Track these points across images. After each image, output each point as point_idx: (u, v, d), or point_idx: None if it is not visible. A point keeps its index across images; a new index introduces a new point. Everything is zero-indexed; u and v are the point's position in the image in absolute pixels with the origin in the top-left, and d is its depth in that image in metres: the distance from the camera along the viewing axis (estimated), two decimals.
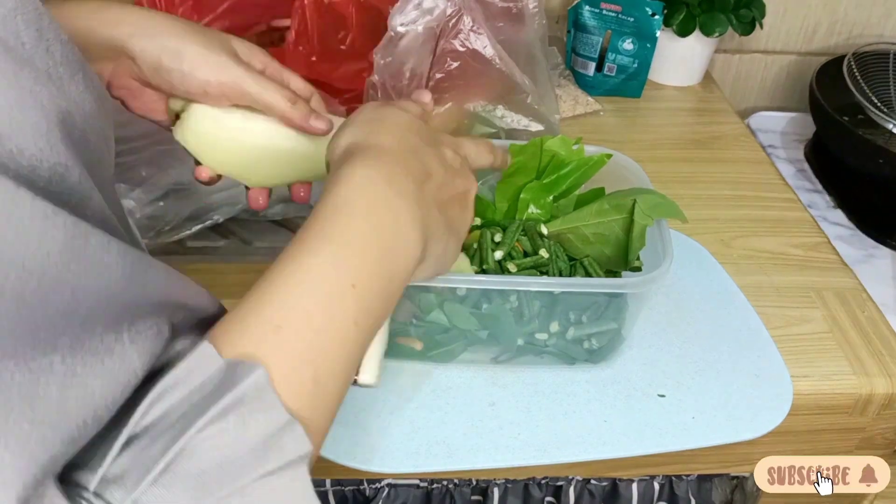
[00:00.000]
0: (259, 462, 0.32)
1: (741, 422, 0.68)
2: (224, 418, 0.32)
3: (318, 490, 0.76)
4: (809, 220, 0.92)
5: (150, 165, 0.80)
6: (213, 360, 0.34)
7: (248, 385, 0.33)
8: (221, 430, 0.32)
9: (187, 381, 0.33)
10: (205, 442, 0.31)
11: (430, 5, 0.77)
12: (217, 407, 0.32)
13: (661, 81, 1.16)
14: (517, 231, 0.70)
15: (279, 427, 0.33)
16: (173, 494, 0.30)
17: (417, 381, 0.69)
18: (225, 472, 0.31)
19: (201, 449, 0.31)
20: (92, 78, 0.37)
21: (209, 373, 0.33)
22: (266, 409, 0.33)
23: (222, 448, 0.32)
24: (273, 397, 0.33)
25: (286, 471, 0.33)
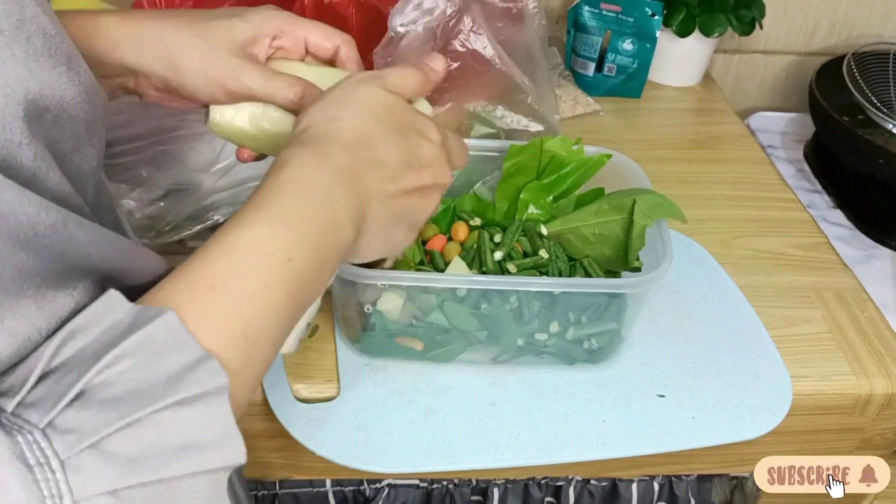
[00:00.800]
0: (173, 390, 0.33)
1: (741, 422, 0.68)
2: (136, 353, 0.33)
3: (318, 490, 0.76)
4: (809, 220, 0.92)
5: (150, 165, 0.80)
6: (121, 304, 0.35)
7: (157, 325, 0.34)
8: (133, 364, 0.33)
9: (96, 322, 0.34)
10: (117, 375, 0.33)
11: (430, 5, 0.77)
12: (127, 343, 0.33)
13: (660, 81, 1.16)
14: (517, 232, 0.70)
15: (194, 360, 0.34)
16: (87, 415, 0.31)
17: (417, 381, 0.69)
18: (138, 398, 0.32)
19: (114, 378, 0.32)
20: (79, 72, 0.38)
21: (119, 316, 0.35)
22: (178, 346, 0.34)
23: (136, 379, 0.33)
24: (186, 336, 0.35)
25: (204, 400, 0.34)
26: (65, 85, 0.37)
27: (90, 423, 0.31)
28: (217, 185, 0.80)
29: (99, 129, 0.41)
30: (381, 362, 0.70)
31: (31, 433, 0.30)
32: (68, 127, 0.38)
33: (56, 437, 0.30)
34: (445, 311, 0.66)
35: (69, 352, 0.33)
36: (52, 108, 0.36)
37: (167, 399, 0.33)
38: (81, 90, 0.38)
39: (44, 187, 0.35)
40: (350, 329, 0.70)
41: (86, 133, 0.40)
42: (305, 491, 0.76)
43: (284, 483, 0.76)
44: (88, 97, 0.39)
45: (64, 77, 0.37)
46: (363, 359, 0.70)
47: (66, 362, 0.33)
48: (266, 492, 0.77)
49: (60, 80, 0.37)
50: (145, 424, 0.32)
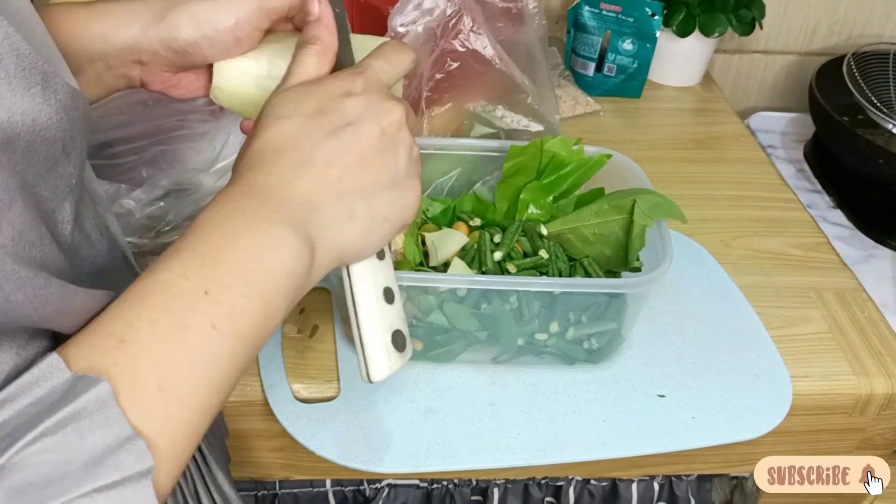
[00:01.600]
0: (92, 476, 0.31)
1: (741, 422, 0.68)
2: (59, 431, 0.31)
3: (318, 490, 0.76)
4: (809, 220, 0.92)
5: (150, 165, 0.80)
6: (59, 371, 0.33)
7: (88, 398, 0.32)
8: (54, 443, 0.31)
9: (29, 392, 0.32)
10: (35, 455, 0.30)
11: (430, 5, 0.77)
12: (53, 419, 0.31)
13: (660, 81, 1.16)
14: (516, 232, 0.70)
15: (119, 441, 0.32)
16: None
17: (417, 381, 0.69)
18: (54, 485, 0.30)
19: (30, 462, 0.30)
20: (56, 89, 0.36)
21: (54, 384, 0.33)
22: (106, 422, 0.32)
23: (53, 461, 0.31)
24: (115, 411, 0.32)
25: (125, 486, 0.32)
26: (39, 107, 0.35)
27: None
28: (217, 185, 0.80)
29: (78, 144, 0.39)
30: None
31: None
32: (42, 150, 0.36)
33: None
34: (445, 312, 0.66)
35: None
36: (24, 134, 0.34)
37: (84, 487, 0.31)
38: (58, 108, 0.36)
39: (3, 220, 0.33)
40: (350, 329, 0.70)
41: (62, 153, 0.38)
42: (305, 491, 0.76)
43: (284, 483, 0.76)
44: (66, 114, 0.37)
45: (39, 98, 0.35)
46: None
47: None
48: (266, 492, 0.77)
49: (35, 102, 0.35)
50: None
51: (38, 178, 0.37)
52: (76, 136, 0.39)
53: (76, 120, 0.39)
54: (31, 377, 0.33)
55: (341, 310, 0.69)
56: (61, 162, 0.38)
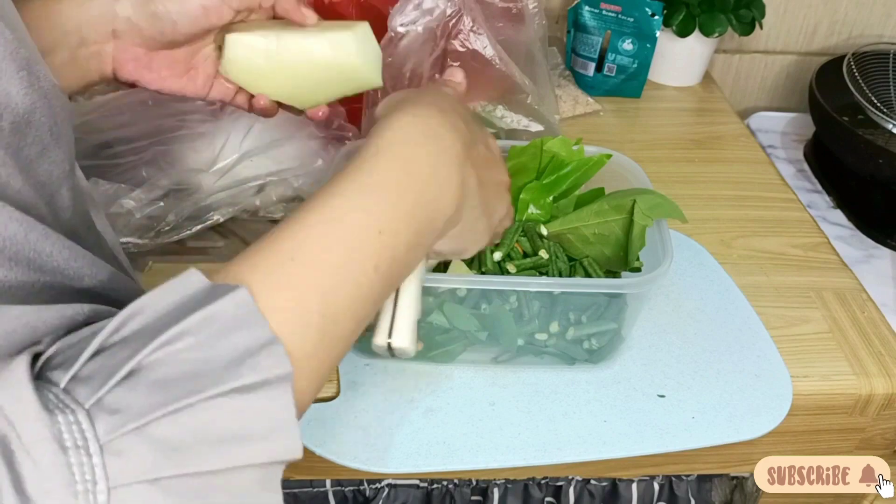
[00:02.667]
0: (231, 376, 0.31)
1: (741, 422, 0.68)
2: (197, 332, 0.32)
3: (318, 490, 0.76)
4: (809, 220, 0.92)
5: (150, 165, 0.80)
6: (197, 281, 0.33)
7: (226, 302, 0.32)
8: (195, 342, 0.31)
9: (166, 297, 0.33)
10: (174, 353, 0.31)
11: (430, 5, 0.77)
12: (191, 319, 0.32)
13: (660, 81, 1.16)
14: (516, 232, 0.70)
15: (259, 344, 0.32)
16: (136, 396, 0.30)
17: (417, 381, 0.69)
18: (193, 381, 0.31)
19: (169, 360, 0.31)
20: (39, 76, 0.37)
21: (190, 291, 0.33)
22: (245, 326, 0.33)
23: (192, 360, 0.31)
24: (255, 315, 0.33)
25: (263, 389, 0.32)
26: (25, 90, 0.36)
27: (138, 405, 0.29)
28: (217, 185, 0.80)
29: (64, 133, 0.40)
30: (381, 362, 0.70)
31: (73, 413, 0.29)
32: (30, 133, 0.37)
33: (101, 417, 0.29)
34: (445, 312, 0.66)
35: (134, 326, 0.32)
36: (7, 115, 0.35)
37: (224, 385, 0.31)
38: (41, 94, 0.37)
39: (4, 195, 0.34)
40: None
41: (51, 137, 0.39)
42: (305, 491, 0.76)
43: (284, 483, 0.76)
44: (48, 101, 0.38)
45: (25, 82, 0.36)
46: (363, 359, 0.70)
47: (127, 338, 0.32)
48: None
49: (22, 86, 0.36)
50: (197, 411, 0.30)
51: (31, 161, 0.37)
52: (61, 125, 0.40)
53: (59, 109, 0.39)
54: (168, 285, 0.33)
55: None
56: (51, 147, 0.39)
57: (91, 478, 0.28)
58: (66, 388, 0.30)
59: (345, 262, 0.37)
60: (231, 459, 0.31)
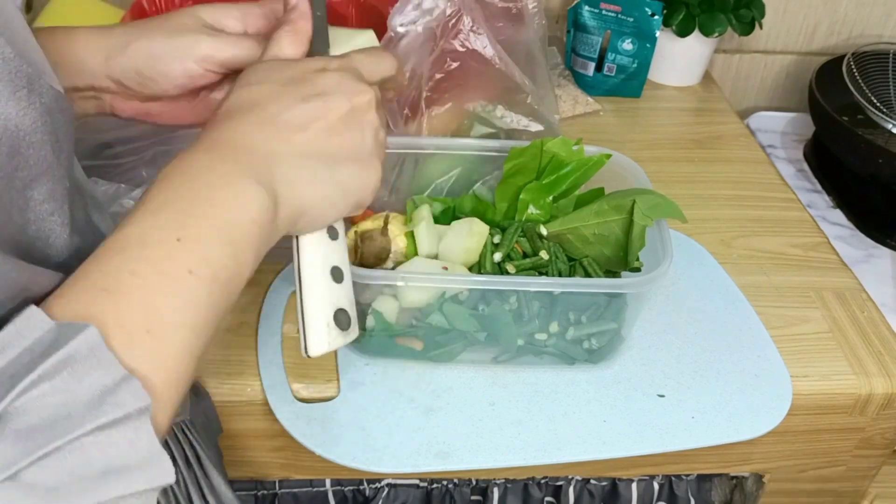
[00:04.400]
0: (94, 415, 0.32)
1: (741, 422, 0.68)
2: (55, 376, 0.32)
3: (317, 490, 0.76)
4: (809, 220, 0.92)
5: (150, 165, 0.80)
6: (42, 322, 0.34)
7: (78, 343, 0.33)
8: (52, 388, 0.32)
9: (15, 343, 0.33)
10: (34, 400, 0.31)
11: (430, 5, 0.77)
12: (46, 364, 0.32)
13: (660, 81, 1.16)
14: (516, 232, 0.70)
15: (115, 382, 0.33)
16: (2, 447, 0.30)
17: (417, 381, 0.69)
18: (57, 426, 0.31)
19: (30, 406, 0.31)
20: (41, 92, 0.37)
21: (38, 334, 0.33)
22: (99, 365, 0.33)
23: (54, 404, 0.32)
24: (106, 354, 0.33)
25: (126, 423, 0.33)
26: (24, 110, 0.36)
27: (4, 455, 0.30)
28: None
29: (66, 147, 0.40)
30: (381, 362, 0.70)
31: None
32: (31, 154, 0.37)
33: None
34: (445, 312, 0.66)
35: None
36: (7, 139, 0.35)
37: (87, 424, 0.32)
38: (43, 111, 0.37)
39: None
40: None
41: (54, 156, 0.39)
42: (305, 491, 0.76)
43: (284, 483, 0.76)
44: (50, 116, 0.38)
45: (24, 101, 0.36)
46: (363, 359, 0.70)
47: None
48: (266, 492, 0.77)
49: (20, 106, 0.36)
50: (65, 452, 0.31)
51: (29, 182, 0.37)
52: (62, 139, 0.40)
53: (61, 122, 0.39)
54: (14, 328, 0.33)
55: None
56: (53, 165, 0.39)
57: None
58: None
59: (154, 278, 0.37)
60: (108, 493, 0.31)
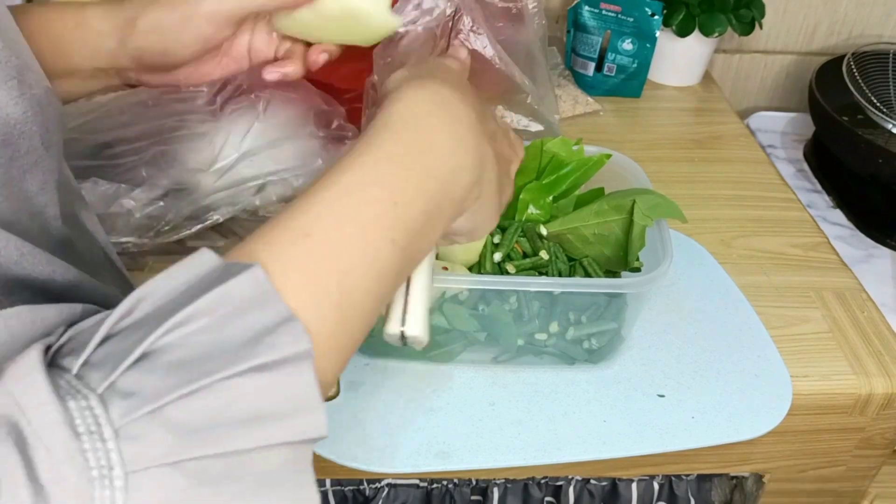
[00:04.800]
0: (248, 355, 0.30)
1: (741, 422, 0.68)
2: (212, 312, 0.31)
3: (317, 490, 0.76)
4: (809, 220, 0.92)
5: (150, 165, 0.80)
6: (210, 259, 0.32)
7: (240, 281, 0.31)
8: (208, 323, 0.31)
9: (179, 278, 0.32)
10: (188, 335, 0.30)
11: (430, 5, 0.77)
12: (203, 300, 0.31)
13: (660, 81, 1.16)
14: (515, 233, 0.70)
15: (276, 322, 0.32)
16: (150, 379, 0.29)
17: (417, 381, 0.69)
18: (209, 361, 0.30)
19: (183, 339, 0.30)
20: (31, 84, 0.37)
21: (203, 271, 0.32)
22: (261, 304, 0.32)
23: (207, 341, 0.30)
24: (271, 293, 0.32)
25: (283, 367, 0.31)
26: (15, 100, 0.36)
27: (152, 387, 0.29)
28: (216, 184, 0.80)
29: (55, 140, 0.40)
30: (381, 362, 0.70)
31: (85, 398, 0.28)
32: (23, 144, 0.36)
33: (114, 402, 0.28)
34: (445, 312, 0.66)
35: (145, 308, 0.31)
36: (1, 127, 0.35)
37: (241, 364, 0.30)
38: (33, 102, 0.37)
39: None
40: None
41: (43, 147, 0.38)
42: None
43: None
44: (41, 109, 0.37)
45: (15, 91, 0.36)
46: (363, 359, 0.70)
47: (138, 321, 0.31)
48: None
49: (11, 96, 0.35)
50: (215, 391, 0.29)
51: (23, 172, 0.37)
52: (51, 131, 0.39)
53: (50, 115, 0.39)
54: (180, 266, 0.32)
55: None
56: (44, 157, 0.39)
57: (106, 463, 0.27)
58: (77, 374, 0.29)
59: (361, 237, 0.36)
60: (255, 439, 0.30)
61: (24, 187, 0.37)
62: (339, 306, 0.35)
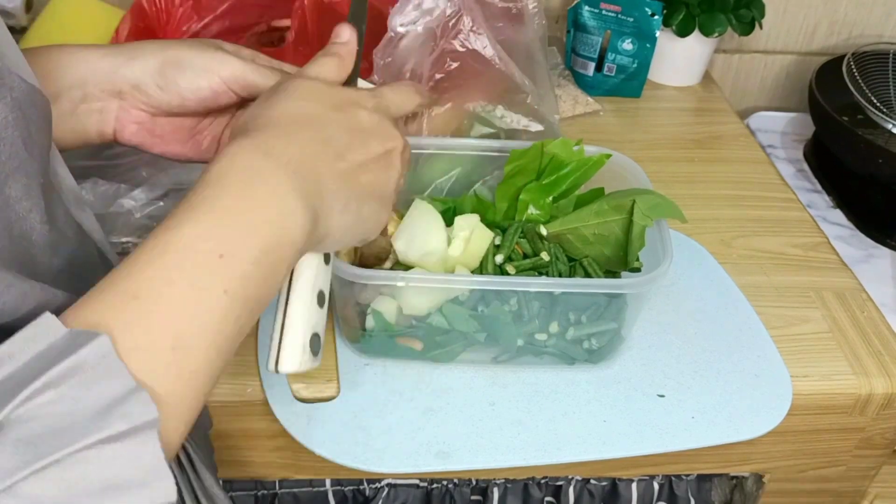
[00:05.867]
0: (99, 427, 0.31)
1: (741, 422, 0.68)
2: (61, 383, 0.31)
3: (317, 490, 0.76)
4: (809, 220, 0.92)
5: (150, 165, 0.80)
6: (55, 328, 0.33)
7: (89, 351, 0.32)
8: (58, 395, 0.31)
9: (28, 348, 0.32)
10: (39, 408, 0.30)
11: (430, 5, 0.77)
12: (53, 372, 0.31)
13: (660, 81, 1.16)
14: (516, 233, 0.70)
15: (123, 393, 0.32)
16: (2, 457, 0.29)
17: (417, 381, 0.69)
18: (61, 436, 0.30)
19: (34, 414, 0.30)
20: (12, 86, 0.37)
21: (50, 342, 0.32)
22: (108, 375, 0.32)
23: (58, 413, 0.31)
24: (117, 364, 0.33)
25: (133, 436, 0.32)
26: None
27: (4, 465, 0.29)
28: None
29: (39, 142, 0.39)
30: (381, 362, 0.70)
31: None
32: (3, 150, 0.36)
33: None
34: (445, 313, 0.66)
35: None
36: None
37: (92, 436, 0.31)
38: (13, 106, 0.36)
39: None
40: (350, 329, 0.70)
41: (25, 151, 0.38)
42: (305, 491, 0.76)
43: (284, 483, 0.76)
44: (22, 111, 0.37)
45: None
46: (363, 359, 0.70)
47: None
48: (266, 491, 0.77)
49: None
50: (67, 464, 0.30)
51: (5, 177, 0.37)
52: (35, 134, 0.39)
53: (34, 117, 0.39)
54: (26, 334, 0.32)
55: (342, 310, 0.69)
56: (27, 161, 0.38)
57: None
58: None
59: (191, 292, 0.37)
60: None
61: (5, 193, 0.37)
62: (177, 365, 0.35)
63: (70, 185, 0.47)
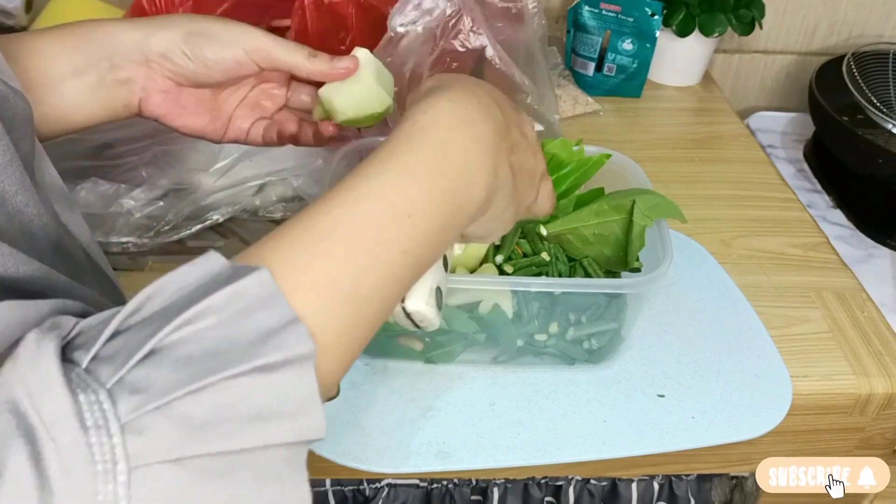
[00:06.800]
0: (254, 354, 0.31)
1: (741, 422, 0.68)
2: (222, 309, 0.31)
3: (317, 490, 0.76)
4: (809, 220, 0.92)
5: (150, 165, 0.80)
6: (218, 261, 0.33)
7: (250, 280, 0.32)
8: (218, 321, 0.31)
9: (187, 278, 0.32)
10: (198, 332, 0.31)
11: (430, 5, 0.77)
12: (214, 297, 0.31)
13: (660, 81, 1.16)
14: (516, 234, 0.70)
15: (282, 324, 0.32)
16: (158, 375, 0.29)
17: (417, 381, 0.69)
18: (216, 359, 0.30)
19: (192, 336, 0.31)
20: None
21: (212, 271, 0.33)
22: (268, 305, 0.32)
23: (216, 338, 0.31)
24: (277, 294, 0.33)
25: (288, 367, 0.31)
26: None
27: (160, 383, 0.29)
28: (216, 184, 0.80)
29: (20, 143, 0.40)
30: (381, 362, 0.70)
31: (94, 392, 0.28)
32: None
33: (122, 397, 0.28)
34: (444, 314, 0.65)
35: (154, 306, 0.32)
36: None
37: (247, 364, 0.30)
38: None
39: None
40: None
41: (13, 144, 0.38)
42: None
43: None
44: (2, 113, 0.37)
45: None
46: (363, 359, 0.70)
47: (147, 318, 0.31)
48: None
49: None
50: (220, 389, 0.30)
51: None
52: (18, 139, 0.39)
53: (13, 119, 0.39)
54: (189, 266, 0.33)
55: None
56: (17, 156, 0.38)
57: (111, 458, 0.27)
58: (87, 369, 0.29)
59: (376, 244, 0.37)
60: (256, 438, 0.30)
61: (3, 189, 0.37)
62: (349, 309, 0.36)
63: (58, 184, 0.48)
